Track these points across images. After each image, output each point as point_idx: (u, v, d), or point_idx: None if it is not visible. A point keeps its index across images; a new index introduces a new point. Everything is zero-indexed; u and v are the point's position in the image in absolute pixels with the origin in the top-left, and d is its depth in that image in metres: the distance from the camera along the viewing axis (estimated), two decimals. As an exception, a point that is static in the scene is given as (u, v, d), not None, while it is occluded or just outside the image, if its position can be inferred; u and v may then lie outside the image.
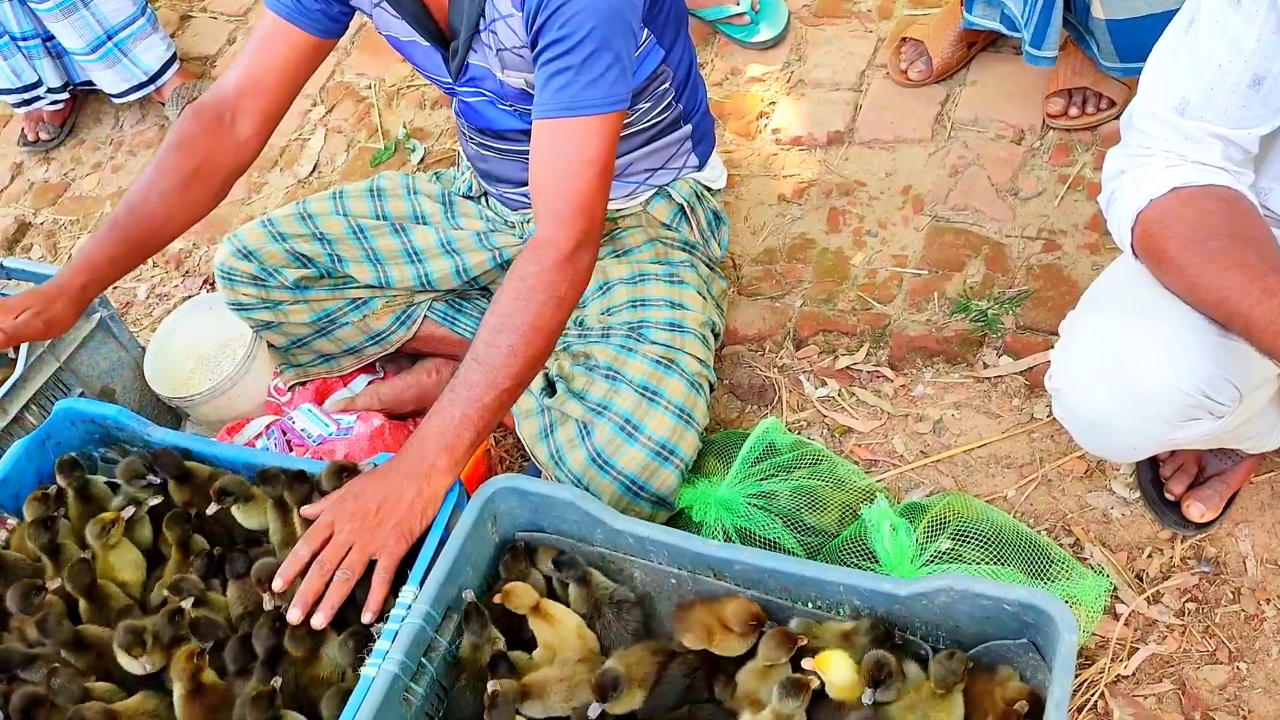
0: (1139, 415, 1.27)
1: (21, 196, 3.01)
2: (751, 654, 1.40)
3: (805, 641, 1.35)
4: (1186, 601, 1.64)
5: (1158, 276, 1.28)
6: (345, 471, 1.55)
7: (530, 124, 1.54)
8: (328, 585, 1.41)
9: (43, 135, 3.07)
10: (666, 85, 1.78)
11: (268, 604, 1.45)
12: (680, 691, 1.42)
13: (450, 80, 1.72)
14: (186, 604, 1.49)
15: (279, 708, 1.39)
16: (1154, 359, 1.25)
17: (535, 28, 1.48)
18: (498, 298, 1.52)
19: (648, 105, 1.78)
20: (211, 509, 1.58)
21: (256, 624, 1.42)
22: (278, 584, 1.44)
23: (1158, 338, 1.26)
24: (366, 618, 1.42)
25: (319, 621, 1.41)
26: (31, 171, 3.07)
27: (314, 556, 1.42)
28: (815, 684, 1.30)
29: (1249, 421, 1.41)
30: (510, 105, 1.70)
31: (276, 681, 1.39)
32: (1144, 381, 1.25)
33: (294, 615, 1.40)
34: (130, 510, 1.60)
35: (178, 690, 1.42)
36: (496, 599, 1.49)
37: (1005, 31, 2.17)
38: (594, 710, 1.36)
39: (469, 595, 1.44)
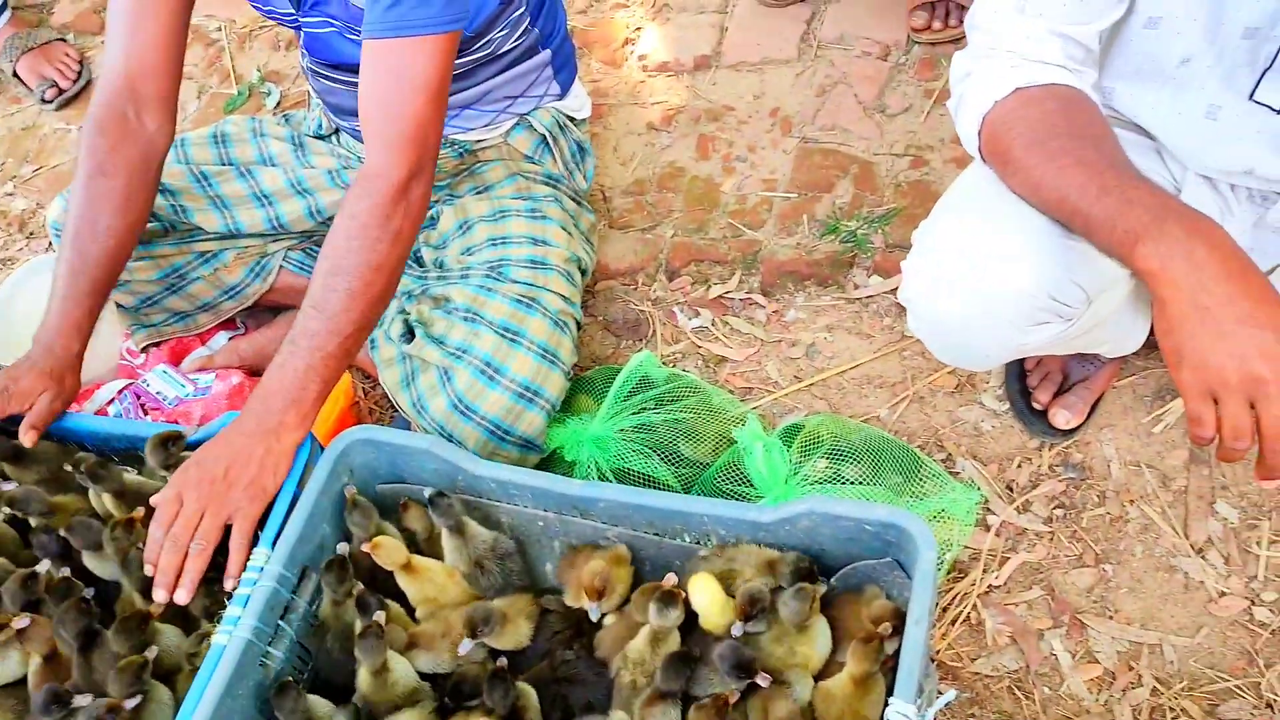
0: (988, 321, 1.26)
1: None
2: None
3: (674, 581, 1.33)
4: (1054, 508, 1.65)
5: (1003, 179, 1.26)
6: (170, 441, 1.47)
7: None
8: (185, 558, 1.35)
9: None
10: (521, 10, 1.70)
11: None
12: (549, 642, 1.39)
13: (293, 11, 1.62)
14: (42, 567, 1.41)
15: (147, 680, 1.32)
16: (1000, 264, 1.23)
17: None
18: (330, 237, 1.44)
19: (503, 33, 1.70)
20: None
21: (61, 607, 1.34)
22: (147, 569, 1.37)
23: (1004, 242, 1.24)
24: (229, 584, 1.36)
25: (182, 598, 1.35)
26: None
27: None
28: (683, 593, 1.29)
29: (1103, 324, 1.41)
30: (358, 34, 1.61)
31: (151, 652, 1.32)
32: (991, 287, 1.24)
33: (159, 596, 1.34)
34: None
35: (33, 661, 1.35)
36: (365, 548, 1.42)
37: (864, -56, 2.13)
38: (464, 646, 1.32)
39: (342, 549, 1.40)
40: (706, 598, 1.30)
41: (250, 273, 1.98)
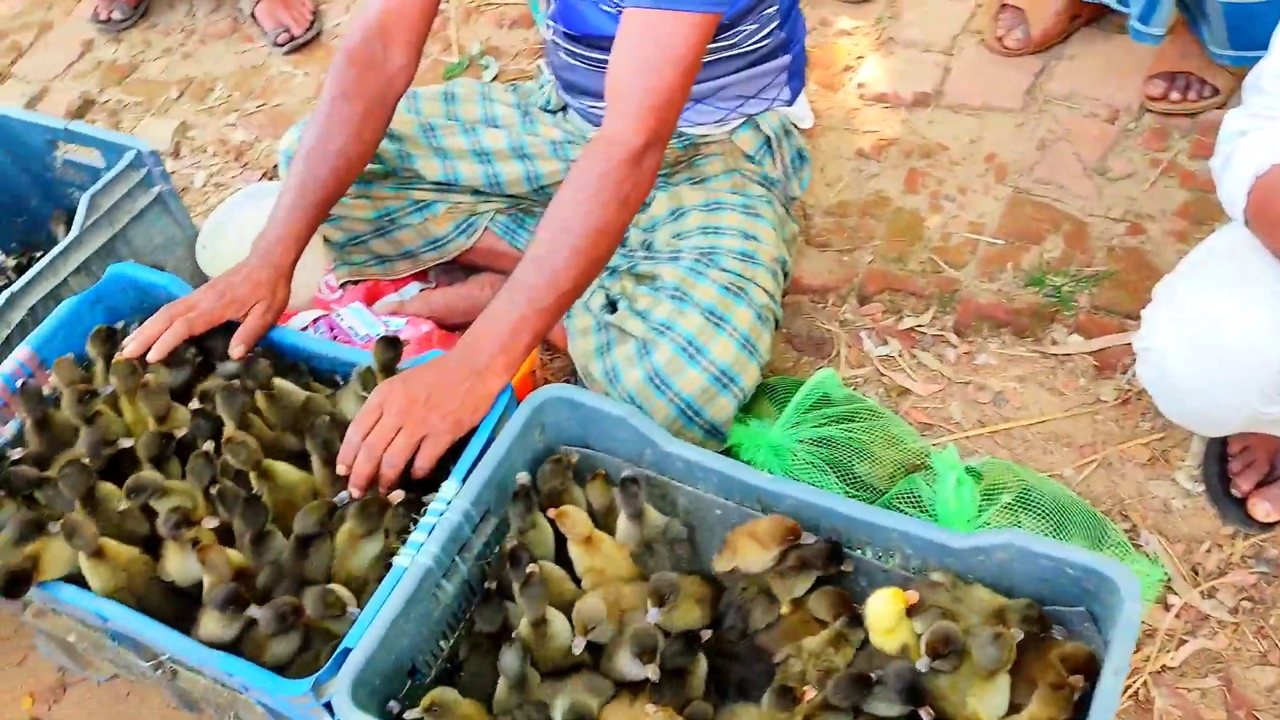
0: (1230, 386, 1.22)
1: (89, 73, 2.99)
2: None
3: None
4: (1242, 600, 1.58)
5: (1269, 244, 1.22)
6: (396, 343, 1.52)
7: None
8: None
9: (115, 15, 3.05)
10: (774, 9, 1.72)
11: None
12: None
13: None
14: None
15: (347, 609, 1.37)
16: (1253, 327, 1.20)
17: None
18: (559, 196, 1.47)
19: (753, 27, 1.72)
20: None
21: (303, 510, 1.40)
22: (340, 469, 1.42)
23: (1259, 306, 1.20)
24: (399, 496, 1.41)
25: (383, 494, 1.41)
26: (101, 50, 3.05)
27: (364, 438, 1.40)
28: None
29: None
30: (614, 6, 1.64)
31: (352, 611, 1.35)
32: (1240, 349, 1.20)
33: (355, 494, 1.40)
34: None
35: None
36: (551, 513, 1.44)
37: (1114, 5, 2.09)
38: (653, 615, 1.31)
39: (524, 479, 1.42)
40: (880, 611, 1.28)
41: (457, 228, 2.04)
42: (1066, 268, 1.98)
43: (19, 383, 1.61)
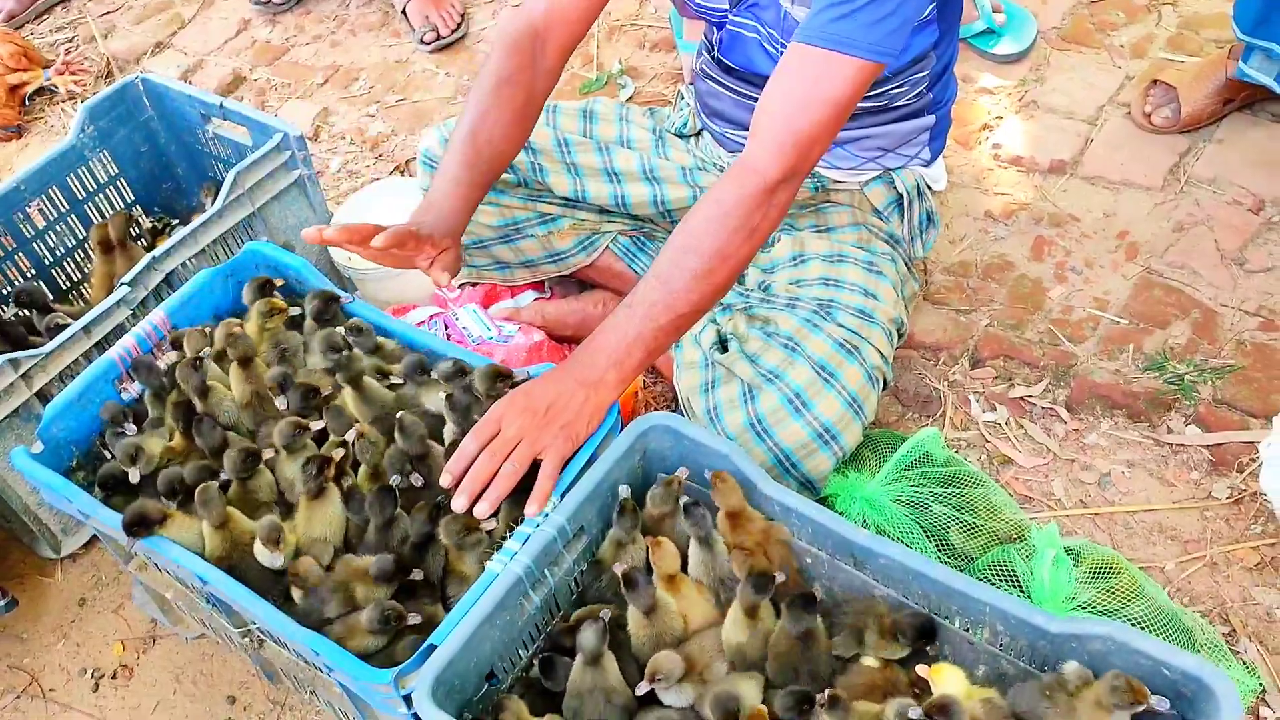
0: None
1: (243, 51, 3.11)
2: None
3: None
4: (1341, 725, 1.52)
5: None
6: (500, 378, 1.54)
7: None
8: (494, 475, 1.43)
9: (275, -2, 3.17)
10: (924, 73, 1.71)
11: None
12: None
13: (727, 8, 1.67)
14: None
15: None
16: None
17: None
18: (690, 217, 1.47)
19: (900, 89, 1.71)
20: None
21: (414, 509, 1.45)
22: (445, 480, 1.45)
23: None
24: (531, 509, 1.41)
25: (482, 510, 1.42)
26: (257, 29, 3.17)
27: (481, 450, 1.42)
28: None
29: None
30: (778, 47, 1.65)
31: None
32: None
33: (459, 503, 1.42)
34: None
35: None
36: (648, 542, 1.45)
37: (1277, 90, 2.04)
38: (641, 688, 1.34)
39: (624, 491, 1.45)
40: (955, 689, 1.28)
41: (579, 244, 2.07)
42: (1191, 356, 1.93)
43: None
